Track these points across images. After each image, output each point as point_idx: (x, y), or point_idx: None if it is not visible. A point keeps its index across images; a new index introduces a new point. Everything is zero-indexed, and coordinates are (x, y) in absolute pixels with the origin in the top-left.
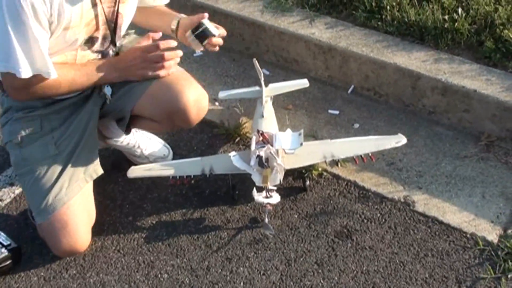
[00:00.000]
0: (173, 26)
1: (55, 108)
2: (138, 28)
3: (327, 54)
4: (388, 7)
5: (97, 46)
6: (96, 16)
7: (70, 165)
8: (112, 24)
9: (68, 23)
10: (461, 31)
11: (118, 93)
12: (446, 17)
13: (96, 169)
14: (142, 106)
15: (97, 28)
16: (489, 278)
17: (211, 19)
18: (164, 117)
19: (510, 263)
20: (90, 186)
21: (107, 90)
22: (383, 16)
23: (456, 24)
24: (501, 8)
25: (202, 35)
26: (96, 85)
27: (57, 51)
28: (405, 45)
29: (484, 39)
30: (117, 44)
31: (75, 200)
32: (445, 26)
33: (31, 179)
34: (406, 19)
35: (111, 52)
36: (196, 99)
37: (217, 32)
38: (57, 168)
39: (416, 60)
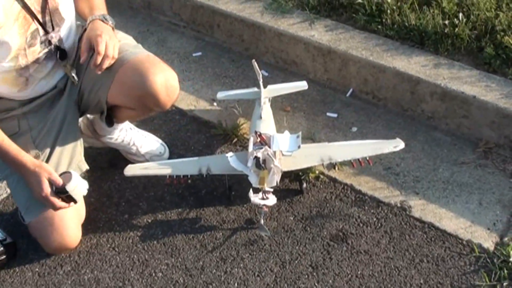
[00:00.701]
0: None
1: (32, 106)
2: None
3: (326, 56)
4: (388, 11)
5: (42, 37)
6: (24, 7)
7: (51, 162)
8: (46, 10)
9: None
10: (461, 36)
11: (89, 85)
12: (447, 22)
13: (80, 165)
14: (114, 94)
15: (32, 19)
16: (484, 285)
17: (211, 19)
18: (136, 103)
19: (505, 271)
20: None
21: (73, 71)
22: (383, 20)
23: (457, 29)
24: (502, 14)
25: (66, 199)
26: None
27: None
28: (405, 49)
29: (484, 45)
30: (62, 30)
31: None
32: (446, 31)
33: (15, 180)
34: (406, 23)
35: (54, 40)
36: (163, 80)
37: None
38: None
39: (415, 65)
